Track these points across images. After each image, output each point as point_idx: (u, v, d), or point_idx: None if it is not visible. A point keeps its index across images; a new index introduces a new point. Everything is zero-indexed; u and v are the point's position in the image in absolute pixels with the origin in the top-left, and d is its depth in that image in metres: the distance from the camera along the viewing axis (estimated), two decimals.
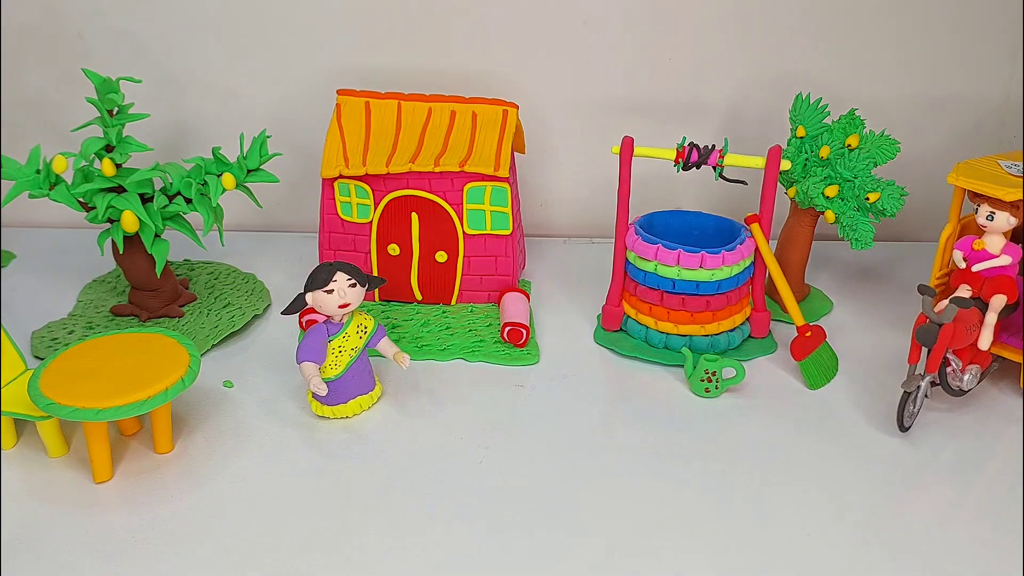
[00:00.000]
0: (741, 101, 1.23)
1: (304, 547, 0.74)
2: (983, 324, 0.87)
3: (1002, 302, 0.87)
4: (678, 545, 0.75)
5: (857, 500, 0.79)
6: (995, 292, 0.87)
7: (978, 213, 0.89)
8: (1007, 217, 0.87)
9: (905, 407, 0.85)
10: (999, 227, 0.87)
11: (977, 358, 0.89)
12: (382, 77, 1.19)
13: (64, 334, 1.02)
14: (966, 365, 0.88)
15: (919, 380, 0.85)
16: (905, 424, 0.86)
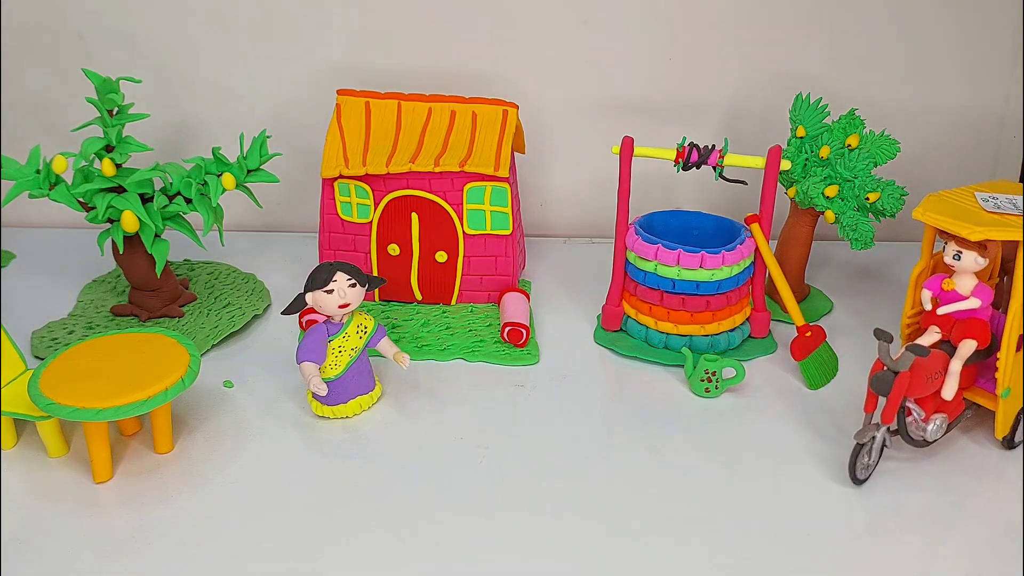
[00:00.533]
0: (741, 101, 1.23)
1: (304, 547, 0.74)
2: (948, 372, 0.81)
3: (971, 348, 0.81)
4: (678, 545, 0.75)
5: (856, 500, 0.79)
6: (964, 337, 0.81)
7: (945, 251, 0.82)
8: (975, 257, 0.80)
9: (858, 459, 0.79)
10: (966, 267, 0.81)
11: (945, 407, 0.82)
12: (382, 77, 1.19)
13: (64, 334, 1.01)
14: (930, 415, 0.82)
15: (874, 431, 0.79)
16: (859, 476, 0.80)
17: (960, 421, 0.85)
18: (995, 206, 0.81)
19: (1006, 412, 0.83)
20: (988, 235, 0.77)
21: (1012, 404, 0.83)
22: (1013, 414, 0.84)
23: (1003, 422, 0.83)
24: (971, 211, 0.81)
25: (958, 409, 0.85)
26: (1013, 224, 0.78)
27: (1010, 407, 0.83)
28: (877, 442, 0.80)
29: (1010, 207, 0.81)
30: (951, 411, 0.83)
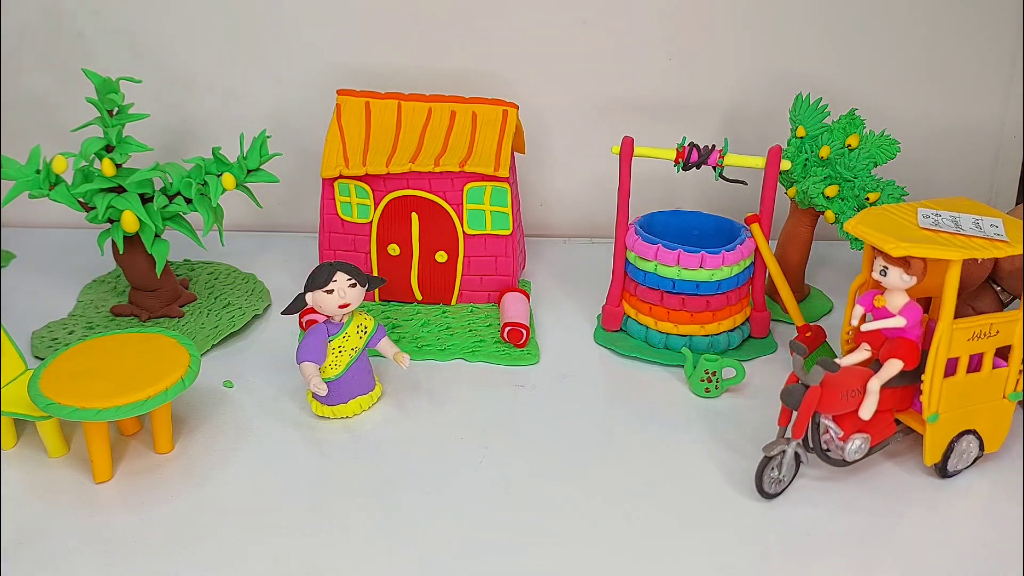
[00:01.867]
0: (741, 101, 1.23)
1: (304, 547, 0.74)
2: (866, 391, 0.77)
3: (895, 368, 0.77)
4: (678, 545, 0.75)
5: (856, 499, 0.79)
6: (890, 356, 0.78)
7: (874, 266, 0.78)
8: (900, 274, 0.76)
9: (764, 471, 0.77)
10: (893, 284, 0.77)
11: (868, 427, 0.79)
12: (382, 77, 1.19)
13: (64, 334, 1.02)
14: (850, 434, 0.78)
15: (784, 444, 0.77)
16: (767, 490, 0.78)
17: (888, 444, 0.82)
18: (933, 223, 0.76)
19: (934, 438, 0.79)
20: (911, 251, 0.73)
21: (942, 430, 0.79)
22: (944, 441, 0.80)
23: (931, 448, 0.79)
24: (904, 226, 0.77)
25: (887, 431, 0.81)
26: (944, 242, 0.73)
27: (940, 433, 0.79)
28: (788, 456, 0.78)
29: (949, 225, 0.76)
30: (877, 432, 0.80)
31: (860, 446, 0.79)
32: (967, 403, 0.80)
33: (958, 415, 0.80)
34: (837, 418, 0.79)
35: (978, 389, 0.80)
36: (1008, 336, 0.78)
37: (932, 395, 0.77)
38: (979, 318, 0.77)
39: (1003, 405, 0.81)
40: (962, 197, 0.82)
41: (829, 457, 0.80)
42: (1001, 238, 0.74)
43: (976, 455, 0.82)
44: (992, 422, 0.82)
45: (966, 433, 0.80)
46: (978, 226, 0.75)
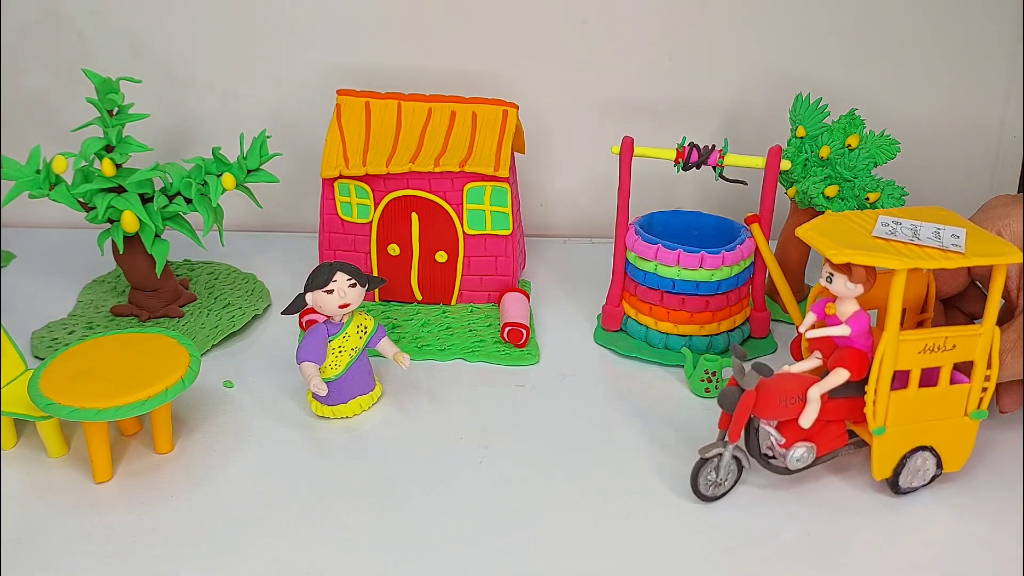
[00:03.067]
0: (741, 101, 1.23)
1: (304, 547, 0.74)
2: (807, 399, 0.75)
3: (841, 378, 0.75)
4: (678, 545, 0.74)
5: (855, 499, 0.79)
6: (836, 365, 0.75)
7: (822, 272, 0.75)
8: (844, 282, 0.73)
9: (700, 473, 0.76)
10: (838, 292, 0.74)
11: (813, 436, 0.77)
12: (382, 77, 1.19)
13: (64, 334, 1.02)
14: (792, 442, 0.76)
15: (721, 447, 0.76)
16: (703, 492, 0.77)
17: (838, 455, 0.79)
18: (889, 232, 0.73)
19: (881, 452, 0.76)
20: (851, 258, 0.70)
21: (892, 444, 0.76)
22: (894, 455, 0.77)
23: (879, 462, 0.77)
24: (856, 233, 0.74)
25: (837, 442, 0.78)
26: (891, 251, 0.70)
27: (887, 447, 0.76)
28: (725, 460, 0.76)
29: (906, 234, 0.73)
30: (824, 442, 0.77)
31: (804, 455, 0.77)
32: (921, 418, 0.76)
33: (910, 430, 0.76)
34: (781, 425, 0.77)
35: (934, 404, 0.76)
36: (968, 351, 0.74)
37: (878, 407, 0.74)
38: (933, 330, 0.73)
39: (964, 423, 0.77)
40: (939, 207, 0.79)
41: (771, 464, 0.78)
42: (957, 249, 0.71)
43: (934, 473, 0.79)
44: (951, 440, 0.78)
45: (920, 449, 0.77)
46: (938, 236, 0.73)
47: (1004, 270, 0.72)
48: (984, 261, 0.70)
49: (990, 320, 0.74)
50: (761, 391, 0.74)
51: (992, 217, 0.81)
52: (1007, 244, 0.72)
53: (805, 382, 0.76)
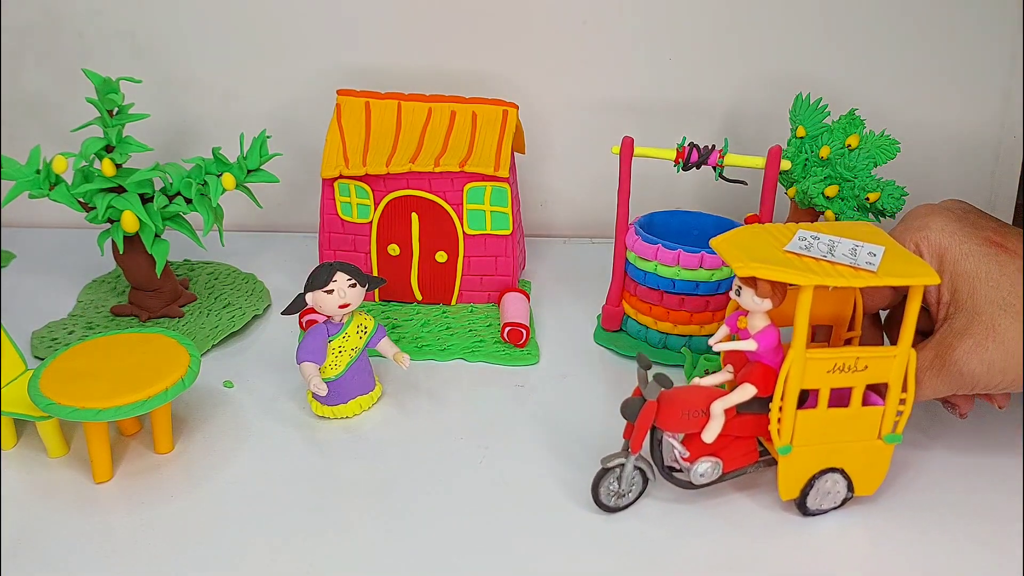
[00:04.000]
0: (741, 101, 1.23)
1: (304, 547, 0.74)
2: (711, 413, 0.73)
3: (747, 393, 0.73)
4: (678, 545, 0.74)
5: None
6: (744, 381, 0.73)
7: (732, 284, 0.73)
8: (751, 296, 0.71)
9: (601, 483, 0.75)
10: (746, 305, 0.72)
11: (720, 451, 0.75)
12: (382, 77, 1.19)
13: (64, 334, 1.02)
14: (696, 456, 0.74)
15: (623, 458, 0.74)
16: (603, 501, 0.75)
17: (746, 472, 0.77)
18: (804, 247, 0.71)
19: (787, 471, 0.74)
20: (756, 272, 0.68)
21: (798, 464, 0.74)
22: (802, 476, 0.75)
23: (785, 482, 0.75)
24: (768, 246, 0.71)
25: (746, 458, 0.77)
26: (800, 267, 0.68)
27: (794, 467, 0.74)
28: (627, 470, 0.75)
29: (821, 250, 0.71)
30: (732, 458, 0.76)
31: (708, 470, 0.75)
32: (831, 439, 0.74)
33: (819, 451, 0.74)
34: (687, 439, 0.75)
35: (845, 426, 0.73)
36: (882, 373, 0.72)
37: (783, 425, 0.72)
38: (843, 349, 0.72)
39: (878, 446, 0.75)
40: (867, 223, 0.77)
41: (675, 478, 0.76)
42: (870, 268, 0.69)
43: (845, 496, 0.77)
44: (864, 463, 0.75)
45: (830, 471, 0.75)
46: (854, 254, 0.71)
47: (920, 291, 0.70)
48: (896, 281, 0.68)
49: (905, 342, 0.71)
50: (663, 403, 0.72)
51: (911, 228, 0.78)
52: (923, 265, 0.70)
53: (711, 396, 0.73)
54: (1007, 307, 0.73)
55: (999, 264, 0.74)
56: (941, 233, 0.76)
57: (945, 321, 0.76)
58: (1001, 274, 0.74)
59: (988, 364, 0.73)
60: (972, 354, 0.73)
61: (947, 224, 0.77)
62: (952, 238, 0.76)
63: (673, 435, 0.75)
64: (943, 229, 0.76)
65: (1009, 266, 0.74)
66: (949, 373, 0.74)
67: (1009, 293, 0.73)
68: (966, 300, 0.75)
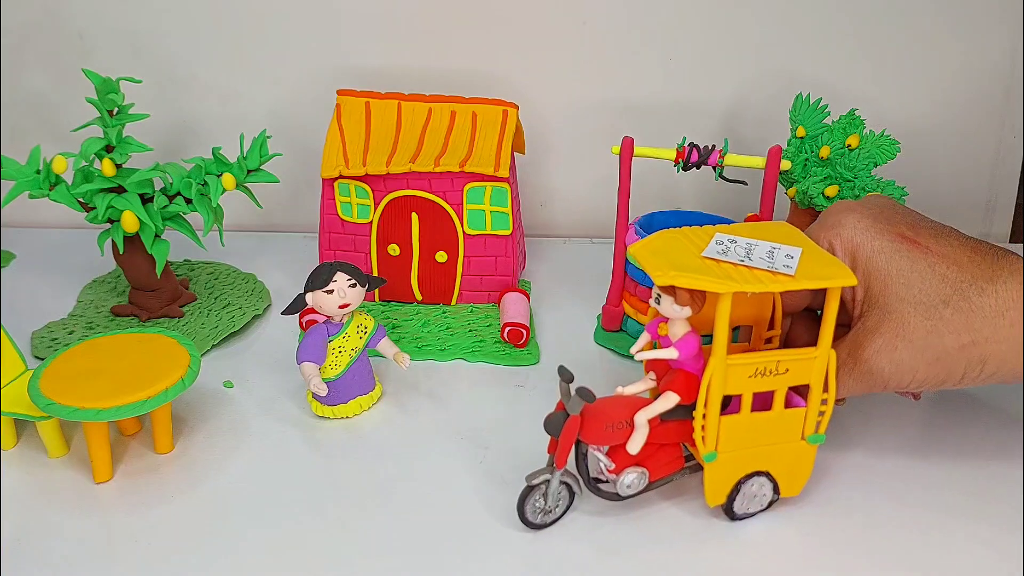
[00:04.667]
0: (741, 101, 1.23)
1: (304, 547, 0.74)
2: (635, 424, 0.72)
3: (670, 402, 0.72)
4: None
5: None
6: (666, 389, 0.72)
7: (652, 292, 0.72)
8: (671, 303, 0.70)
9: (527, 500, 0.73)
10: (667, 313, 0.71)
11: (645, 461, 0.74)
12: (382, 77, 1.19)
13: (64, 334, 1.02)
14: (622, 468, 0.73)
15: (548, 474, 0.73)
16: (529, 519, 0.74)
17: (673, 480, 0.76)
18: (721, 251, 0.70)
19: (714, 478, 0.74)
20: (675, 281, 0.67)
21: (725, 470, 0.74)
22: (728, 481, 0.74)
23: (712, 488, 0.74)
24: (687, 253, 0.70)
25: (671, 466, 0.75)
26: (719, 274, 0.67)
27: (722, 473, 0.74)
28: (553, 486, 0.73)
29: (739, 254, 0.70)
30: (657, 467, 0.75)
31: (635, 481, 0.74)
32: (755, 443, 0.73)
33: (745, 455, 0.74)
34: (612, 450, 0.74)
35: (769, 429, 0.73)
36: (803, 375, 0.71)
37: (708, 433, 0.72)
38: (763, 354, 0.71)
39: (802, 447, 0.74)
40: (784, 223, 0.76)
41: (601, 490, 0.75)
42: (787, 271, 0.67)
43: (771, 499, 0.76)
44: (789, 465, 0.75)
45: (756, 475, 0.74)
46: (771, 257, 0.69)
47: (838, 292, 0.69)
48: (813, 284, 0.67)
49: (825, 342, 0.71)
50: (586, 416, 0.71)
51: (826, 226, 0.77)
52: (840, 266, 0.69)
53: (634, 406, 0.72)
54: (917, 305, 0.72)
55: (911, 261, 0.73)
56: (853, 230, 0.75)
57: (859, 319, 0.75)
58: (912, 271, 0.73)
59: (897, 363, 0.72)
60: (882, 353, 0.73)
61: (859, 221, 0.76)
62: (864, 235, 0.75)
63: (598, 447, 0.73)
64: (855, 226, 0.75)
65: (920, 263, 0.73)
66: (860, 372, 0.74)
67: (919, 290, 0.72)
68: (878, 298, 0.74)
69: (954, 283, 0.72)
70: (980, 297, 0.71)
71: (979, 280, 0.71)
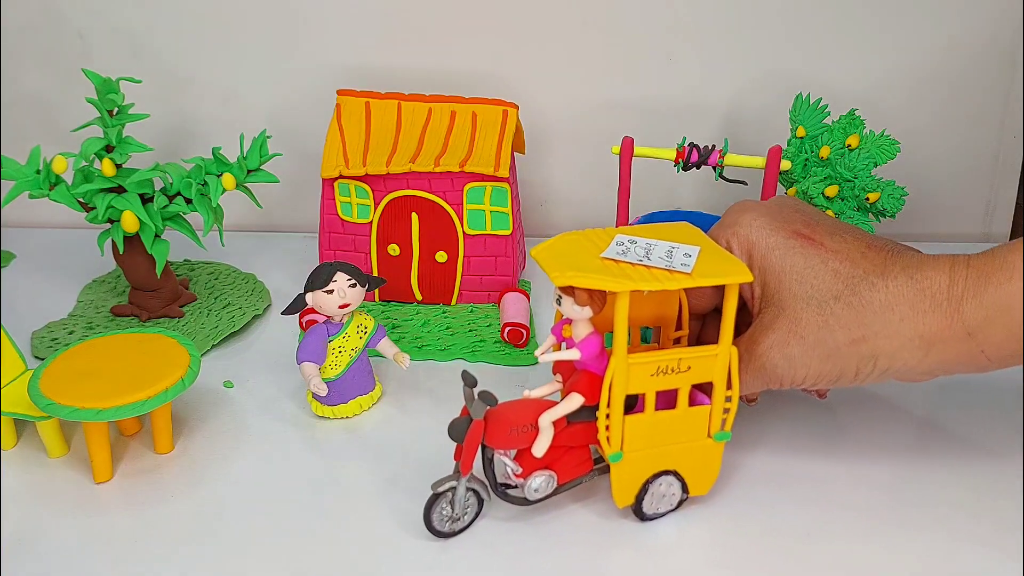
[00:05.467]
0: (741, 101, 1.23)
1: (304, 547, 0.74)
2: (539, 427, 0.71)
3: (575, 403, 0.71)
4: (678, 545, 0.74)
5: (851, 499, 0.79)
6: (571, 390, 0.72)
7: (554, 293, 0.71)
8: (571, 304, 0.69)
9: (433, 508, 0.72)
10: (568, 314, 0.70)
11: (553, 464, 0.73)
12: (382, 77, 1.19)
13: (64, 334, 1.02)
14: (529, 471, 0.73)
15: (454, 480, 0.72)
16: (436, 527, 0.73)
17: (582, 482, 0.76)
18: (621, 252, 0.70)
19: (621, 478, 0.73)
20: (572, 281, 0.67)
21: (631, 470, 0.73)
22: (635, 481, 0.74)
23: (619, 489, 0.74)
24: (586, 254, 0.70)
25: (580, 468, 0.75)
26: (617, 274, 0.67)
27: (627, 473, 0.73)
28: (460, 493, 0.72)
29: (638, 255, 0.70)
30: (566, 470, 0.74)
31: (542, 485, 0.73)
32: (661, 442, 0.73)
33: (651, 455, 0.73)
34: (519, 454, 0.73)
35: (674, 428, 0.73)
36: (706, 372, 0.71)
37: (612, 433, 0.71)
38: (665, 352, 0.71)
39: (708, 445, 0.74)
40: (686, 224, 0.77)
41: (509, 495, 0.74)
42: (685, 270, 0.68)
43: (680, 498, 0.76)
44: (696, 463, 0.75)
45: (664, 474, 0.74)
46: (669, 256, 0.70)
47: (736, 289, 0.69)
48: (708, 281, 0.68)
49: (725, 340, 0.71)
50: (490, 420, 0.71)
51: (724, 225, 0.77)
52: (737, 263, 0.69)
53: (539, 409, 0.72)
54: (810, 300, 0.72)
55: (804, 257, 0.73)
56: (749, 228, 0.75)
57: (757, 316, 0.76)
58: (805, 267, 0.73)
59: (790, 359, 0.72)
60: (775, 349, 0.73)
61: (756, 219, 0.76)
62: (760, 233, 0.75)
63: (505, 452, 0.73)
64: (751, 224, 0.75)
65: (814, 259, 0.73)
66: (755, 368, 0.74)
67: (812, 287, 0.72)
68: (773, 294, 0.74)
69: (846, 279, 0.72)
70: (870, 292, 0.71)
71: (871, 275, 0.71)
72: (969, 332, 0.68)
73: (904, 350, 0.70)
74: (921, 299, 0.69)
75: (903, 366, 0.71)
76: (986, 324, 0.67)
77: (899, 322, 0.70)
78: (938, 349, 0.69)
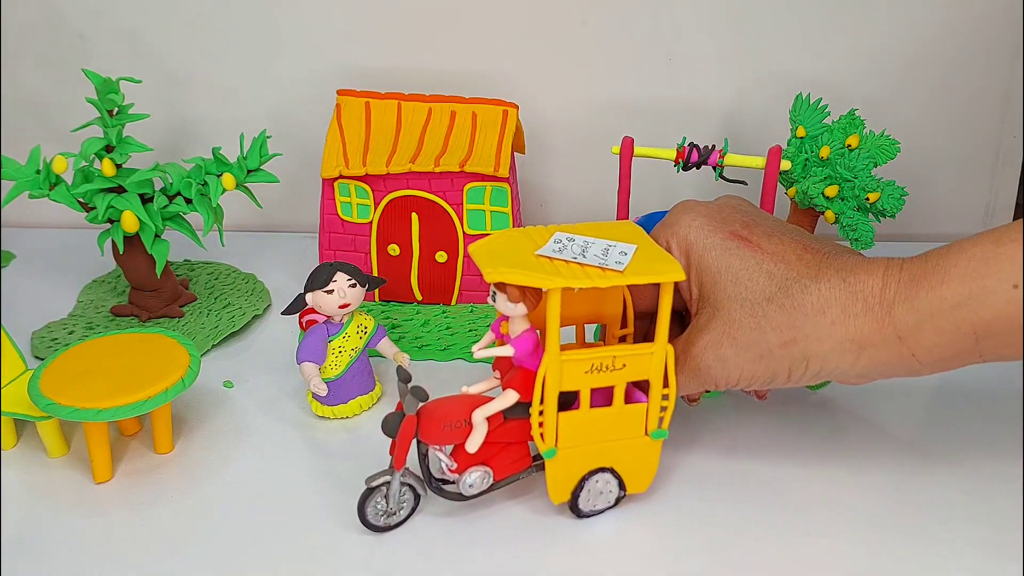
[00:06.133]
0: (741, 101, 1.23)
1: (304, 547, 0.74)
2: (473, 423, 0.72)
3: (510, 399, 0.71)
4: (677, 545, 0.74)
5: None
6: (507, 387, 0.72)
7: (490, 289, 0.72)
8: (504, 300, 0.69)
9: (367, 503, 0.73)
10: (503, 310, 0.70)
11: (490, 460, 0.73)
12: (382, 77, 1.19)
13: (64, 334, 1.02)
14: (464, 467, 0.73)
15: (388, 475, 0.72)
16: (371, 521, 0.73)
17: (520, 478, 0.76)
18: (558, 249, 0.70)
19: (555, 475, 0.73)
20: (502, 277, 0.67)
21: (566, 466, 0.73)
22: (571, 478, 0.74)
23: (554, 485, 0.74)
24: (522, 251, 0.70)
25: (517, 465, 0.75)
26: (550, 271, 0.67)
27: (562, 469, 0.73)
28: (394, 488, 0.73)
29: (574, 252, 0.70)
30: (502, 466, 0.74)
31: (478, 480, 0.73)
32: (597, 439, 0.73)
33: (587, 451, 0.73)
34: (454, 451, 0.73)
35: (610, 425, 0.73)
36: (642, 370, 0.71)
37: (546, 429, 0.71)
38: (599, 350, 0.71)
39: (645, 443, 0.74)
40: (628, 222, 0.77)
41: (445, 491, 0.74)
42: (618, 268, 0.68)
43: (618, 495, 0.76)
44: (633, 461, 0.75)
45: (600, 471, 0.74)
46: (605, 254, 0.70)
47: (671, 287, 0.69)
48: (639, 280, 0.68)
49: (662, 338, 0.71)
50: (423, 416, 0.71)
51: (664, 225, 0.78)
52: (671, 262, 0.69)
53: (473, 405, 0.72)
54: (743, 302, 0.72)
55: (740, 258, 0.73)
56: (688, 229, 0.75)
57: (695, 317, 0.76)
58: (741, 268, 0.73)
59: (723, 360, 0.72)
60: (708, 350, 0.73)
61: (695, 220, 0.76)
62: (698, 233, 0.75)
63: (440, 448, 0.73)
64: (690, 225, 0.76)
65: (749, 260, 0.73)
66: (690, 369, 0.74)
67: (746, 288, 0.72)
68: (709, 295, 0.74)
69: (780, 281, 0.71)
70: (803, 295, 0.70)
71: (804, 278, 0.71)
72: (900, 336, 0.68)
73: (835, 353, 0.70)
74: (853, 302, 0.69)
75: (835, 368, 0.71)
76: (917, 328, 0.67)
77: (830, 325, 0.69)
78: (869, 352, 0.69)
